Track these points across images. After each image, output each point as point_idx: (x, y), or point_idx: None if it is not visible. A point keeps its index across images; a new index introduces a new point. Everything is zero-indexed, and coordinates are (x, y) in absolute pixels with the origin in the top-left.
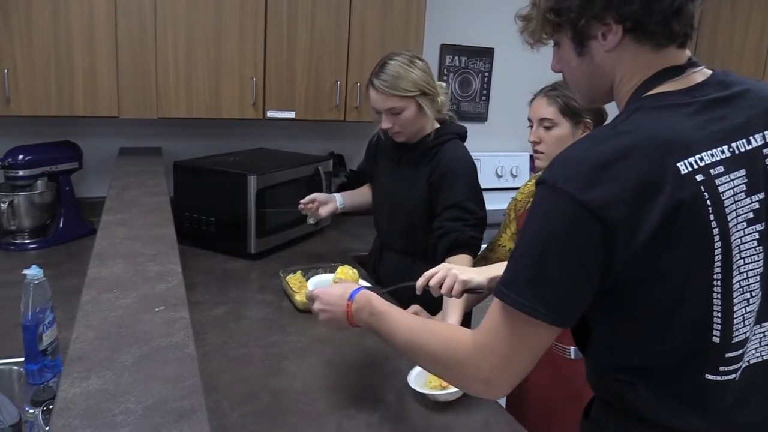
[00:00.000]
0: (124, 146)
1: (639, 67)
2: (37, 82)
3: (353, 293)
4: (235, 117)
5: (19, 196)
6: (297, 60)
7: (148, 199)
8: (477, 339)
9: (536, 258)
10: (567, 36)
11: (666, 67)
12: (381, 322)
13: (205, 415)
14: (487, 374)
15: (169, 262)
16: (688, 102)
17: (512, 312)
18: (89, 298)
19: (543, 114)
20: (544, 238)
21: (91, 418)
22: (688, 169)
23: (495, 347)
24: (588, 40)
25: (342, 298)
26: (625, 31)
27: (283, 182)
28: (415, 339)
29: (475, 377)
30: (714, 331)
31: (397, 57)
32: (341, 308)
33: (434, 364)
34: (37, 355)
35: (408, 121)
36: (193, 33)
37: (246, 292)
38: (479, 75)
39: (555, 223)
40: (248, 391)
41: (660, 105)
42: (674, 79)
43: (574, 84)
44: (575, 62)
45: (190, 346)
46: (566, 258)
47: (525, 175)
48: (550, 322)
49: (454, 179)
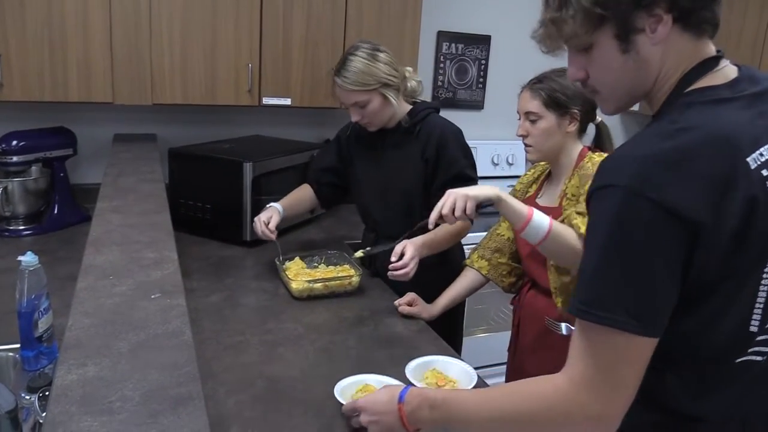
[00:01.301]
0: (119, 132)
1: (683, 58)
2: (30, 68)
3: (402, 394)
4: (231, 104)
5: (13, 183)
6: (293, 47)
7: (143, 186)
8: (572, 376)
9: (618, 269)
10: (610, 33)
11: (704, 59)
12: (449, 410)
13: (203, 402)
14: (597, 410)
15: (165, 249)
16: (735, 97)
17: (603, 331)
18: (85, 285)
19: (527, 107)
20: (623, 246)
21: (88, 404)
22: (756, 164)
23: (595, 376)
24: (634, 34)
25: (391, 404)
26: (674, 21)
27: (279, 169)
28: (499, 410)
29: (585, 417)
30: (753, 321)
31: (358, 51)
32: (394, 415)
33: (537, 424)
34: (33, 341)
35: (374, 112)
36: (189, 19)
37: (241, 279)
38: (476, 62)
39: (632, 230)
40: (244, 378)
41: (710, 100)
42: (713, 72)
43: (611, 87)
44: (617, 62)
45: (186, 333)
46: (651, 265)
47: (521, 163)
48: (644, 333)
49: (450, 149)
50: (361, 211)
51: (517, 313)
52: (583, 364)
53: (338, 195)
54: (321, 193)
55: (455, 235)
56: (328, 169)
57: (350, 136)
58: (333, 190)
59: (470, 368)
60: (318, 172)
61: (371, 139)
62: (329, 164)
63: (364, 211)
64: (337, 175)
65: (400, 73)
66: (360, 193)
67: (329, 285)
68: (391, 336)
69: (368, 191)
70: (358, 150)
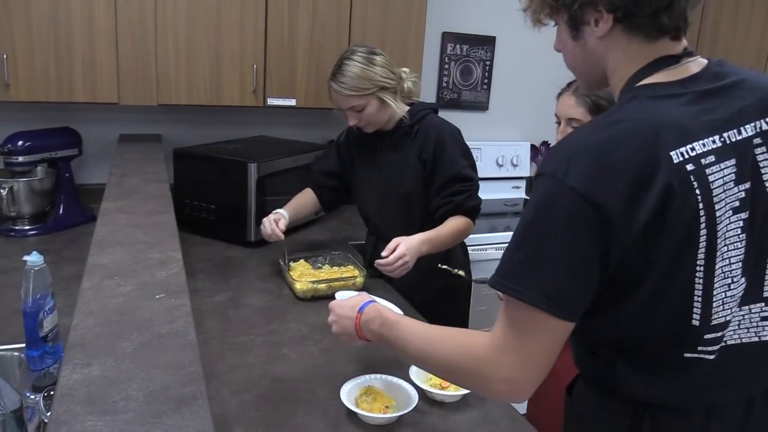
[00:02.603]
0: (124, 133)
1: (631, 56)
2: (36, 68)
3: (364, 305)
4: (236, 104)
5: (18, 183)
6: (298, 47)
7: (148, 186)
8: (492, 338)
9: (535, 248)
10: (563, 19)
11: (660, 57)
12: (393, 330)
13: (207, 402)
14: (507, 373)
15: (170, 250)
16: (682, 93)
17: (515, 304)
18: (90, 285)
19: (571, 114)
20: (543, 228)
21: (93, 404)
22: (680, 159)
23: (508, 343)
24: (582, 25)
25: (352, 310)
26: (615, 21)
27: (284, 170)
28: (430, 345)
29: (495, 377)
30: (694, 314)
31: (354, 56)
32: (350, 320)
33: (452, 370)
34: (38, 341)
35: (371, 115)
36: (194, 19)
37: (246, 279)
38: (481, 63)
39: (554, 214)
40: (248, 379)
41: (654, 95)
42: (668, 69)
43: (571, 66)
44: (570, 45)
45: (191, 334)
46: (565, 248)
47: (526, 164)
48: (552, 312)
49: (447, 149)
50: (361, 214)
51: None
52: (501, 330)
53: (341, 198)
54: (323, 197)
55: (459, 234)
56: (330, 173)
57: (350, 138)
58: (335, 194)
59: None
60: (319, 176)
61: (370, 141)
62: (330, 168)
63: (364, 214)
64: (339, 178)
65: (396, 74)
66: (360, 196)
67: (333, 286)
68: None
69: (367, 194)
70: (358, 152)
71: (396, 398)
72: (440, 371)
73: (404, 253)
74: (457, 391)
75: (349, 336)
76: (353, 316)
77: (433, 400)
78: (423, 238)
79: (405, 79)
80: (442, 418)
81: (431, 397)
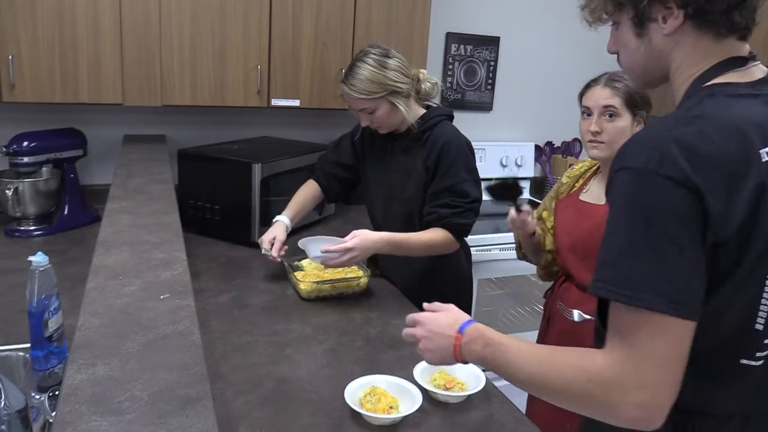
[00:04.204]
0: (129, 134)
1: (699, 54)
2: (41, 69)
3: (464, 324)
4: (240, 105)
5: (23, 183)
6: (302, 48)
7: (152, 186)
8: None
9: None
10: (627, 16)
11: (730, 57)
12: (499, 353)
13: (211, 402)
14: (636, 396)
15: (174, 250)
16: (756, 94)
17: (635, 314)
18: (94, 285)
19: (607, 102)
20: (648, 226)
21: (98, 404)
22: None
23: (632, 360)
24: (648, 21)
25: (451, 328)
26: (686, 17)
27: (288, 171)
28: (543, 368)
29: (624, 401)
30: (758, 319)
31: (366, 58)
32: (448, 340)
33: (571, 395)
34: (43, 341)
35: (383, 118)
36: (198, 20)
37: (250, 280)
38: (485, 64)
39: (653, 208)
40: (252, 379)
41: (732, 94)
42: (737, 70)
43: (630, 65)
44: (633, 43)
45: (195, 334)
46: (677, 241)
47: (530, 164)
48: (678, 314)
49: (449, 160)
50: (369, 213)
51: (549, 307)
52: (619, 345)
53: (347, 190)
54: (330, 187)
55: (432, 246)
56: (343, 164)
57: (365, 136)
58: (343, 186)
59: (479, 370)
60: (332, 165)
61: (383, 142)
62: (343, 160)
63: (371, 214)
64: (351, 170)
65: (412, 77)
66: (368, 195)
67: (337, 286)
68: (399, 337)
69: (374, 193)
70: (371, 151)
71: (400, 399)
72: (558, 399)
73: (353, 248)
74: (461, 391)
75: (441, 356)
76: (452, 336)
77: (437, 401)
78: (386, 238)
79: (423, 81)
80: (446, 418)
81: (435, 398)
